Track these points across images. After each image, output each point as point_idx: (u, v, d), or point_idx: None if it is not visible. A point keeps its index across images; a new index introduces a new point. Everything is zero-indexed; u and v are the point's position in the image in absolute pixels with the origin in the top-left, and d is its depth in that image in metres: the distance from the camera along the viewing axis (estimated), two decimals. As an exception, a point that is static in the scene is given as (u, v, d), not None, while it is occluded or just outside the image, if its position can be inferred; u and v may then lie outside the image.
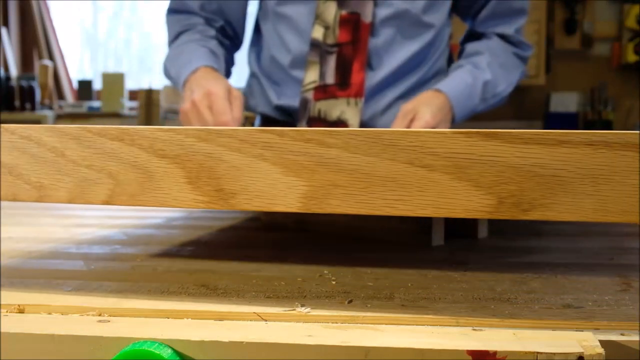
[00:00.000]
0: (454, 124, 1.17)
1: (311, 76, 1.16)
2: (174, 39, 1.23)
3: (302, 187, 0.43)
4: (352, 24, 1.14)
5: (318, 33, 1.14)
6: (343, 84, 1.15)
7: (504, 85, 1.22)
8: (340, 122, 1.16)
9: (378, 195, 0.42)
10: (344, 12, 1.14)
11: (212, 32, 1.22)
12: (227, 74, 1.25)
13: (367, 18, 1.14)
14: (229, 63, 1.26)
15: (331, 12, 1.14)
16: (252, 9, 1.31)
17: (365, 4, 1.13)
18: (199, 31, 1.21)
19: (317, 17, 1.14)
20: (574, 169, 0.40)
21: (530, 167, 0.40)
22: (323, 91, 1.15)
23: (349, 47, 1.14)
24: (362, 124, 1.17)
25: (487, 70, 1.18)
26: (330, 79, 1.15)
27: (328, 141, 0.43)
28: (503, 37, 1.26)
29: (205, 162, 0.45)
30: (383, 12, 1.15)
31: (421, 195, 0.42)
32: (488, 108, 1.23)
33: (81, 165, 0.47)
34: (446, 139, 0.41)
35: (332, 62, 1.14)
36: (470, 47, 1.25)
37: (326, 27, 1.14)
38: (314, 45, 1.15)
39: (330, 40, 1.14)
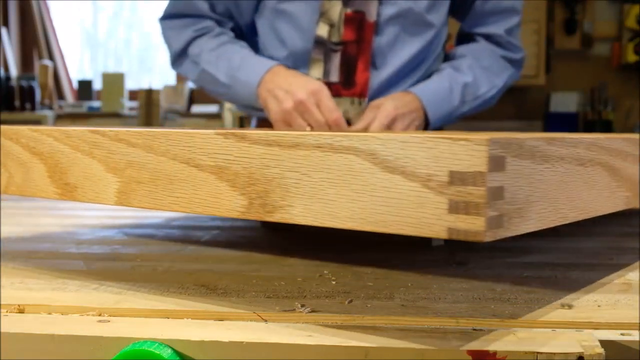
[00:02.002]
0: (431, 126, 1.17)
1: (315, 74, 1.15)
2: (186, 44, 1.19)
3: (116, 183, 0.47)
4: (357, 22, 1.14)
5: (323, 30, 1.14)
6: (347, 83, 1.15)
7: (487, 88, 1.21)
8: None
9: (167, 192, 0.45)
10: (348, 11, 1.14)
11: (232, 33, 1.20)
12: None
13: (371, 17, 1.14)
14: None
15: (336, 10, 1.14)
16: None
17: (369, 2, 1.13)
18: (220, 33, 1.17)
19: (322, 15, 1.14)
20: (306, 172, 0.40)
21: (273, 169, 0.41)
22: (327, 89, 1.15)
23: (354, 46, 1.14)
24: None
25: (467, 72, 1.18)
26: (334, 77, 1.15)
27: (133, 141, 0.46)
28: (491, 38, 1.25)
29: (59, 159, 0.51)
30: (387, 10, 1.15)
31: (195, 194, 0.44)
32: (473, 111, 1.23)
33: None
34: (210, 140, 0.43)
35: (336, 60, 1.14)
36: (455, 50, 1.25)
37: (331, 25, 1.14)
38: (319, 42, 1.15)
39: (335, 39, 1.14)
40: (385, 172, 0.37)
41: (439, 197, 0.35)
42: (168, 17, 1.22)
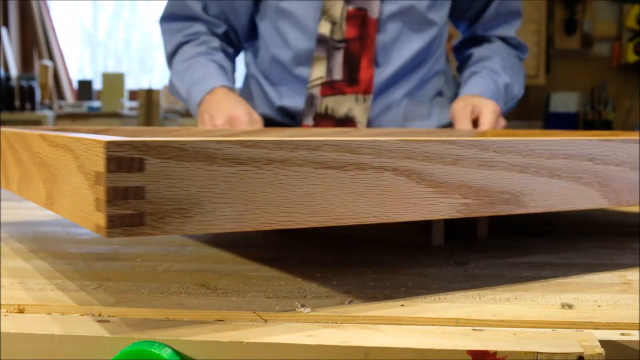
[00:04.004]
0: None
1: (318, 72, 1.15)
2: (174, 50, 1.18)
3: (16, 176, 0.55)
4: (359, 19, 1.14)
5: (325, 28, 1.14)
6: (351, 80, 1.14)
7: (518, 87, 1.23)
8: (348, 119, 1.16)
9: (28, 184, 0.51)
10: (350, 8, 1.14)
11: (217, 42, 1.19)
12: (234, 83, 1.23)
13: (373, 14, 1.13)
14: (234, 73, 1.24)
15: (338, 8, 1.14)
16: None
17: (371, 0, 1.14)
18: (203, 42, 1.17)
19: (324, 13, 1.14)
20: (59, 168, 0.44)
21: (51, 167, 0.45)
22: (330, 87, 1.15)
23: (357, 43, 1.14)
24: (369, 121, 1.17)
25: (503, 74, 1.19)
26: (337, 75, 1.14)
27: (16, 140, 0.54)
28: (505, 40, 1.26)
29: (2, 155, 0.59)
30: (389, 8, 1.15)
31: (35, 186, 0.50)
32: (507, 111, 1.24)
33: None
34: (35, 139, 0.49)
35: (339, 57, 1.14)
36: (478, 52, 1.25)
37: (333, 23, 1.14)
38: (321, 40, 1.14)
39: (337, 36, 1.14)
40: (80, 171, 0.40)
41: (92, 194, 0.38)
42: (164, 18, 1.22)
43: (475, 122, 1.08)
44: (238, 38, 1.25)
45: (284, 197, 0.41)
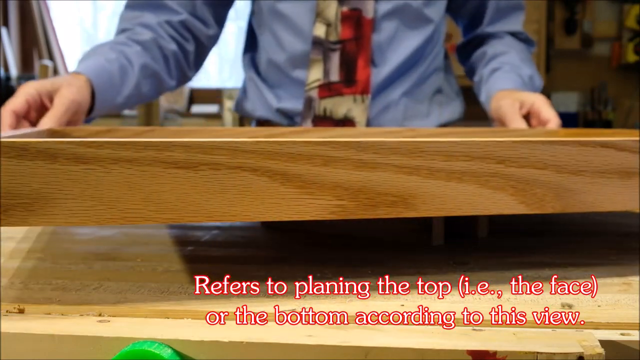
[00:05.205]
0: None
1: (315, 74, 1.15)
2: (115, 34, 1.15)
3: None
4: (354, 20, 1.14)
5: (320, 30, 1.14)
6: (348, 81, 1.14)
7: (538, 79, 1.21)
8: (347, 120, 1.16)
9: None
10: (345, 9, 1.14)
11: (148, 35, 1.12)
12: (156, 84, 1.14)
13: (368, 14, 1.13)
14: (157, 69, 1.14)
15: (332, 9, 1.14)
16: (243, 12, 1.30)
17: (365, 0, 1.13)
18: (131, 33, 1.12)
19: (318, 15, 1.14)
20: None
21: None
22: (328, 89, 1.15)
23: (353, 44, 1.14)
24: (369, 121, 1.17)
25: (523, 66, 1.18)
26: (334, 76, 1.14)
27: None
28: (514, 34, 1.26)
29: None
30: (384, 7, 1.15)
31: None
32: None
33: None
34: None
35: (335, 59, 1.14)
36: (491, 49, 1.23)
37: (328, 25, 1.14)
38: (317, 43, 1.14)
39: (332, 38, 1.14)
40: None
41: None
42: (125, 7, 1.17)
43: (526, 118, 1.04)
44: (203, 28, 1.19)
45: (131, 195, 0.43)
